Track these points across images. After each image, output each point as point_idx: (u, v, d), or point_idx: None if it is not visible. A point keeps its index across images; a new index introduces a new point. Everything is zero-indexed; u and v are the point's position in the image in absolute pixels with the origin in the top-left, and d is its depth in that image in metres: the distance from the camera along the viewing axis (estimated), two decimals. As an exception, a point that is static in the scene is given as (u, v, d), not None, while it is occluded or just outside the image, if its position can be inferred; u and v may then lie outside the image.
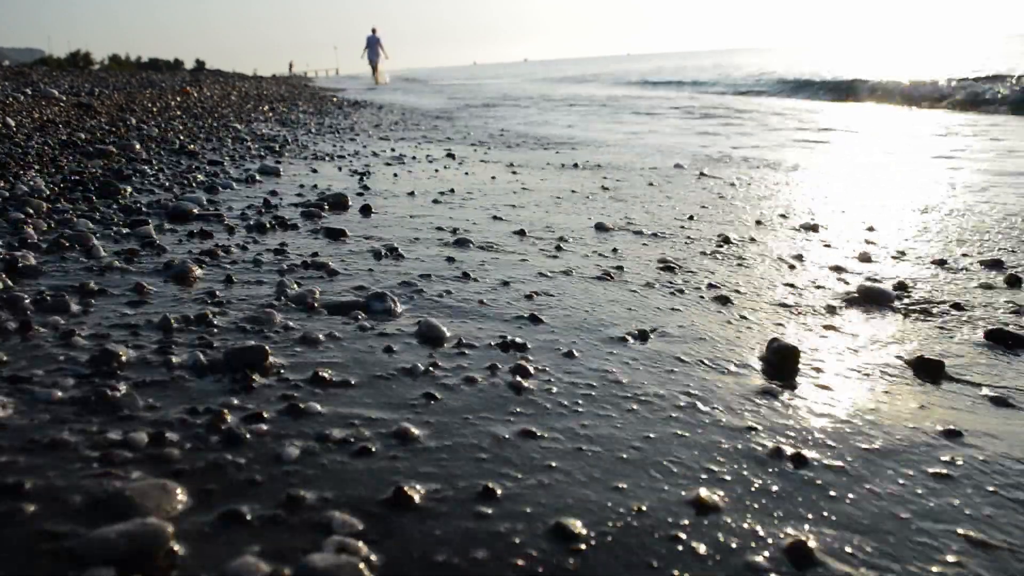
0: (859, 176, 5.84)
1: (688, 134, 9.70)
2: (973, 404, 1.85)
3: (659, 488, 1.36)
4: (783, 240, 3.62)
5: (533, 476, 1.37)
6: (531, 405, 1.68)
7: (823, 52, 52.43)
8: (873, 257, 3.29)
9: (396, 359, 1.90)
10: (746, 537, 1.23)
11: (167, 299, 2.25)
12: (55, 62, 46.25)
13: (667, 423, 1.63)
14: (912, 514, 1.33)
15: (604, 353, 2.03)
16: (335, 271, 2.68)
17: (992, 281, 2.96)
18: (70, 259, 2.59)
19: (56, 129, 6.00)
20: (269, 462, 1.36)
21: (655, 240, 3.52)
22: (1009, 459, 1.55)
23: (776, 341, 2.02)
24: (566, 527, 1.20)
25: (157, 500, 1.18)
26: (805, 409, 1.74)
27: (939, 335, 2.33)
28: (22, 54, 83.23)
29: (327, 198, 4.04)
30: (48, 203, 3.39)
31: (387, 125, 9.61)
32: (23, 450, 1.33)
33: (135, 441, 1.38)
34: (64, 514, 1.15)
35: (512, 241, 3.35)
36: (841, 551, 1.21)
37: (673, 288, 2.71)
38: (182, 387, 1.64)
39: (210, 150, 5.66)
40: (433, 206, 4.15)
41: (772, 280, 2.88)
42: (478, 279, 2.69)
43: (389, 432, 1.50)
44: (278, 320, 2.09)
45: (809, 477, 1.43)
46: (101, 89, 11.07)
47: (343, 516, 1.20)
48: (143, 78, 16.96)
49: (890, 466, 1.50)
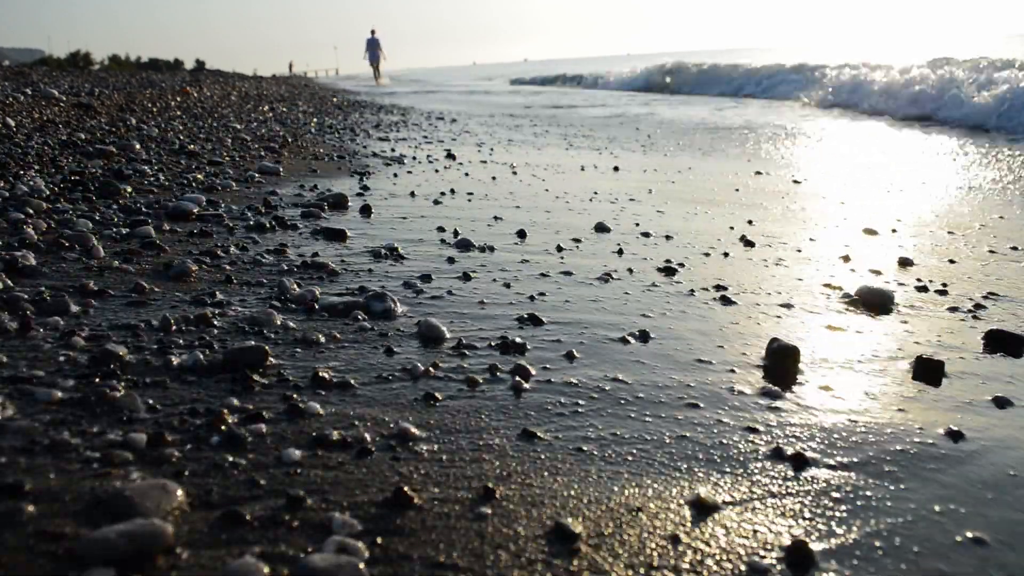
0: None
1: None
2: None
3: (659, 488, 1.36)
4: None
5: (533, 476, 1.37)
6: (531, 405, 1.68)
7: (824, 52, 52.40)
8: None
9: (396, 360, 1.90)
10: (746, 537, 1.23)
11: (167, 299, 2.25)
12: (55, 62, 46.26)
13: (667, 422, 1.63)
14: (913, 514, 1.33)
15: (605, 353, 2.03)
16: (335, 272, 2.68)
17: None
18: (70, 259, 2.59)
19: (56, 129, 6.00)
20: (269, 463, 1.36)
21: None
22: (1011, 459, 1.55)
23: (776, 341, 2.02)
24: (566, 527, 1.20)
25: (157, 500, 1.18)
26: (805, 409, 1.74)
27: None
28: (22, 54, 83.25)
29: (327, 198, 4.04)
30: (48, 203, 3.39)
31: (386, 125, 9.61)
32: (23, 450, 1.33)
33: (135, 442, 1.38)
34: (64, 514, 1.15)
35: (512, 241, 3.35)
36: (840, 551, 1.21)
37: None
38: (182, 387, 1.64)
39: (210, 150, 5.66)
40: (433, 206, 4.15)
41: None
42: (478, 279, 2.69)
43: (389, 433, 1.50)
44: (278, 320, 2.09)
45: (809, 477, 1.43)
46: (101, 89, 11.07)
47: (343, 516, 1.20)
48: (143, 78, 16.96)
49: (890, 465, 1.49)
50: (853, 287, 2.72)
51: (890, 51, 27.15)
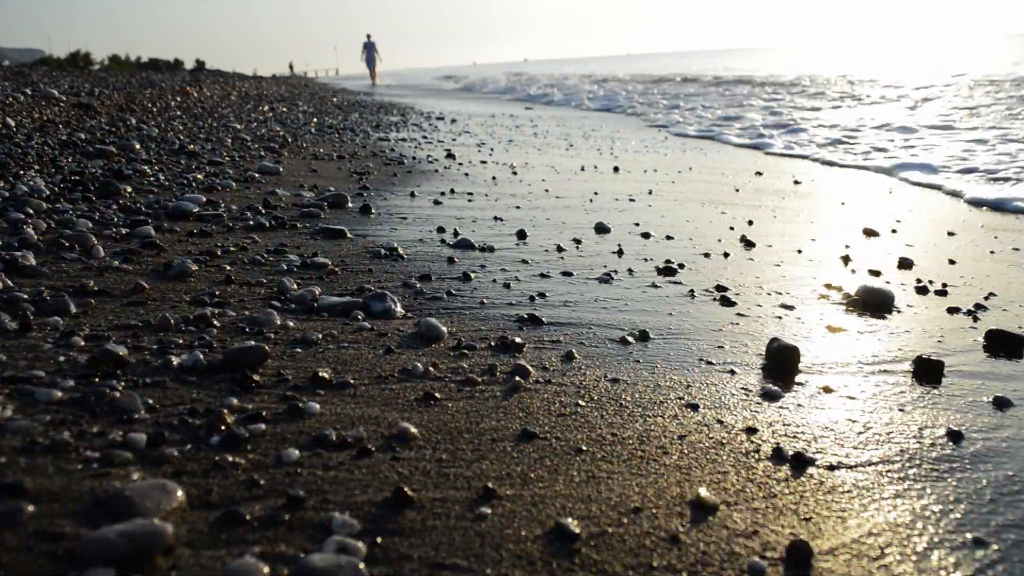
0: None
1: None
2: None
3: (659, 488, 1.36)
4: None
5: (533, 476, 1.37)
6: (531, 405, 1.68)
7: (824, 52, 52.42)
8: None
9: (396, 360, 1.90)
10: (746, 537, 1.22)
11: (167, 299, 2.25)
12: (55, 62, 46.26)
13: (667, 422, 1.63)
14: (913, 515, 1.33)
15: (605, 353, 2.03)
16: (334, 271, 2.68)
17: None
18: (70, 259, 2.59)
19: (56, 129, 6.00)
20: (269, 463, 1.36)
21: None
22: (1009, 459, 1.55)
23: (776, 341, 2.02)
24: (566, 527, 1.20)
25: (157, 500, 1.17)
26: (805, 409, 1.74)
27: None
28: (22, 54, 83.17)
29: (327, 198, 4.04)
30: (48, 203, 3.39)
31: (386, 125, 9.60)
32: (23, 450, 1.33)
33: (135, 442, 1.37)
34: (64, 514, 1.15)
35: (511, 241, 3.35)
36: (839, 550, 1.21)
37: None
38: (182, 387, 1.64)
39: (210, 150, 5.66)
40: (434, 207, 4.15)
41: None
42: (478, 279, 2.69)
43: (389, 432, 1.50)
44: (278, 320, 2.09)
45: (809, 476, 1.43)
46: (101, 89, 11.07)
47: (343, 516, 1.20)
48: (143, 78, 16.96)
49: (891, 464, 1.49)
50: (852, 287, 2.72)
51: (890, 51, 27.21)
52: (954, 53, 36.37)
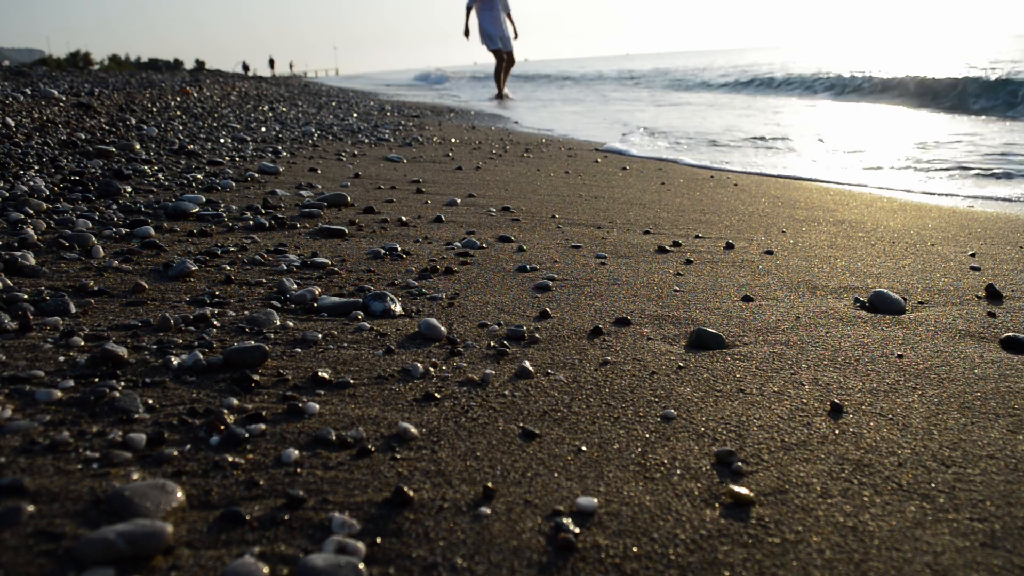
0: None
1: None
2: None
3: (659, 487, 1.36)
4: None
5: (533, 476, 1.37)
6: (532, 405, 1.68)
7: (826, 51, 52.45)
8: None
9: (396, 359, 1.90)
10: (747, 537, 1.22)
11: (167, 299, 2.25)
12: (55, 62, 46.31)
13: (668, 422, 1.63)
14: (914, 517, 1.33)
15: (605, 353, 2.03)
16: (334, 271, 2.68)
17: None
18: (70, 259, 2.59)
19: (56, 129, 6.00)
20: (269, 463, 1.36)
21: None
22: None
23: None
24: (566, 527, 1.20)
25: (157, 500, 1.17)
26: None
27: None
28: (22, 54, 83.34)
29: (327, 198, 4.04)
30: (48, 203, 3.39)
31: (386, 125, 9.61)
32: (23, 450, 1.33)
33: (135, 442, 1.38)
34: (64, 514, 1.15)
35: (514, 238, 3.35)
36: (845, 559, 1.21)
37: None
38: (182, 387, 1.64)
39: (210, 150, 5.66)
40: (433, 207, 4.15)
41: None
42: (479, 279, 2.69)
43: (389, 433, 1.50)
44: (277, 321, 2.09)
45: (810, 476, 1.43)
46: (101, 89, 11.07)
47: (343, 516, 1.20)
48: (143, 78, 16.97)
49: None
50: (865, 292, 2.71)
51: (889, 51, 27.26)
52: (953, 53, 36.37)
